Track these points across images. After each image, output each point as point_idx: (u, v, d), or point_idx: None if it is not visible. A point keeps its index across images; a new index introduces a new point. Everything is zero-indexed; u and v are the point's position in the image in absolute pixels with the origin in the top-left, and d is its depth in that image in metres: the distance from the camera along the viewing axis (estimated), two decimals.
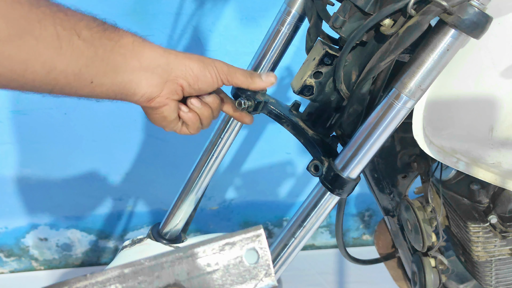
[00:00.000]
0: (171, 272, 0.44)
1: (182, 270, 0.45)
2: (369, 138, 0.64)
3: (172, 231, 0.91)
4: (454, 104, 0.74)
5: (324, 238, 2.09)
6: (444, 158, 0.76)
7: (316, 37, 0.72)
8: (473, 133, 0.77)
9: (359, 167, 0.67)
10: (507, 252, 0.95)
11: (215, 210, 1.90)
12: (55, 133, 1.59)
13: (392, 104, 0.62)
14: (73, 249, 1.89)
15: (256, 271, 0.45)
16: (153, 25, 1.51)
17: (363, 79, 0.65)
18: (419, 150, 0.76)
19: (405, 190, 1.05)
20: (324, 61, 0.70)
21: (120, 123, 1.66)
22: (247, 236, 0.45)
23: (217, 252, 0.45)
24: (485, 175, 0.80)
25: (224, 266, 0.45)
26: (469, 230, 0.93)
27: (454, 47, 0.58)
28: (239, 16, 1.55)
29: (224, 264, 0.45)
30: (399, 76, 0.61)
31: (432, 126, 0.73)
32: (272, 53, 0.78)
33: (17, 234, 1.83)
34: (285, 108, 0.79)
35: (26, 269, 1.89)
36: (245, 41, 1.59)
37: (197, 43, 1.57)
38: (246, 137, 1.73)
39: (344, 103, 0.72)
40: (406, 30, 0.59)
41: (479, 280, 0.99)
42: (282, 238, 0.74)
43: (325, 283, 1.88)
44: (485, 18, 0.56)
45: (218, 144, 0.87)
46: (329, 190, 0.68)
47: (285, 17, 0.75)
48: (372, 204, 2.05)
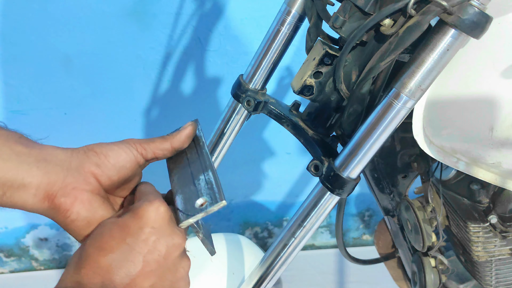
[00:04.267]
0: None
1: None
2: (369, 138, 0.64)
3: None
4: (454, 104, 0.74)
5: (324, 238, 2.09)
6: (444, 158, 0.76)
7: (316, 37, 0.72)
8: (473, 133, 0.77)
9: (359, 167, 0.67)
10: (507, 252, 0.95)
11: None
12: (55, 133, 1.59)
13: (392, 104, 0.62)
14: (73, 249, 1.89)
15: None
16: (153, 25, 1.51)
17: (363, 79, 0.65)
18: (419, 150, 0.76)
19: (405, 190, 1.05)
20: (324, 61, 0.70)
21: (120, 123, 1.66)
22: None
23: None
24: (485, 175, 0.80)
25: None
26: (469, 230, 0.93)
27: (454, 47, 0.58)
28: (239, 16, 1.55)
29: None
30: (399, 76, 0.61)
31: (432, 126, 0.73)
32: (272, 53, 0.78)
33: (17, 234, 1.83)
34: (285, 108, 0.79)
35: (26, 269, 1.89)
36: (245, 41, 1.59)
37: (197, 43, 1.57)
38: (246, 137, 1.73)
39: (344, 103, 0.72)
40: (406, 30, 0.59)
41: (479, 280, 0.99)
42: (282, 238, 0.74)
43: (325, 283, 1.88)
44: (485, 18, 0.56)
45: (218, 144, 0.87)
46: (329, 190, 0.68)
47: (285, 17, 0.75)
48: (372, 204, 2.05)
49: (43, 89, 1.57)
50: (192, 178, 0.60)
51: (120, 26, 1.50)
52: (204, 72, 1.64)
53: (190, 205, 0.56)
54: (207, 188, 0.58)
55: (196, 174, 0.60)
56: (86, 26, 1.47)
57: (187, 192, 0.58)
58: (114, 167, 0.56)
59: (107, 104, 1.63)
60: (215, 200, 0.56)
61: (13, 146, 0.52)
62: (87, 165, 0.55)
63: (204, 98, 1.68)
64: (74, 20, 1.46)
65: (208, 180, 0.59)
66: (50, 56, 1.52)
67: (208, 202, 0.56)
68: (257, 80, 0.79)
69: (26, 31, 1.47)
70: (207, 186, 0.58)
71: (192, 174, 0.61)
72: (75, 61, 1.54)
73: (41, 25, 1.47)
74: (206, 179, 0.59)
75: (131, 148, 0.58)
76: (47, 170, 0.52)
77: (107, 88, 1.61)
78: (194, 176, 0.60)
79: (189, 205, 0.56)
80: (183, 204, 0.57)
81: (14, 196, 0.51)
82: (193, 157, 0.63)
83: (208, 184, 0.58)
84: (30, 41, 1.49)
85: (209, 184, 0.58)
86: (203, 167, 0.61)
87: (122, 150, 0.57)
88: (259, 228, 1.99)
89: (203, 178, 0.60)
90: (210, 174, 0.60)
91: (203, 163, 0.62)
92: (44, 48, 1.51)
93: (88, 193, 0.54)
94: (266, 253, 0.76)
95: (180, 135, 0.62)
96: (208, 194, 0.57)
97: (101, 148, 0.56)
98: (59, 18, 1.46)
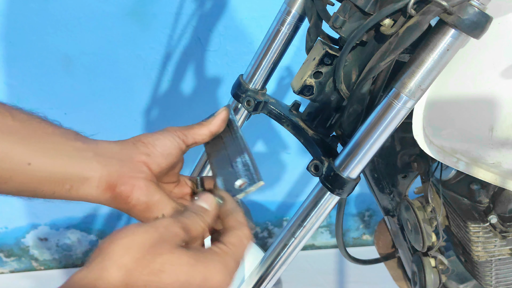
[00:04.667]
0: None
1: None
2: (369, 138, 0.64)
3: None
4: (454, 104, 0.74)
5: (324, 238, 2.09)
6: (444, 158, 0.76)
7: (316, 37, 0.72)
8: (473, 133, 0.77)
9: (359, 167, 0.67)
10: (507, 252, 0.95)
11: None
12: None
13: (392, 104, 0.62)
14: (73, 249, 1.89)
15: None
16: (153, 25, 1.52)
17: (363, 79, 0.65)
18: (419, 150, 0.76)
19: (405, 190, 1.05)
20: (324, 61, 0.70)
21: (120, 123, 1.66)
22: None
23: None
24: (485, 175, 0.80)
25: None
26: (469, 230, 0.93)
27: (454, 47, 0.58)
28: (239, 16, 1.55)
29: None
30: (399, 76, 0.61)
31: (432, 126, 0.73)
32: (272, 53, 0.78)
33: (17, 234, 1.83)
34: (285, 108, 0.79)
35: (26, 269, 1.89)
36: (245, 41, 1.59)
37: (197, 43, 1.57)
38: (246, 137, 1.73)
39: (344, 103, 0.72)
40: (406, 30, 0.59)
41: (479, 280, 0.99)
42: (282, 238, 0.74)
43: (325, 283, 1.88)
44: (485, 18, 0.56)
45: None
46: (329, 190, 0.68)
47: (285, 17, 0.75)
48: (372, 204, 2.05)
49: (43, 89, 1.57)
50: (230, 160, 0.64)
51: (120, 26, 1.50)
52: (204, 72, 1.64)
53: (230, 186, 0.60)
54: (244, 169, 0.62)
55: (233, 157, 0.64)
56: (86, 26, 1.47)
57: (226, 174, 0.62)
58: (162, 155, 0.60)
59: (107, 104, 1.63)
60: (253, 181, 0.60)
61: (73, 143, 0.56)
62: (138, 155, 0.59)
63: (204, 98, 1.68)
64: (74, 20, 1.46)
65: (245, 162, 0.63)
66: (50, 56, 1.52)
67: (247, 183, 0.59)
68: (257, 80, 0.79)
69: (26, 31, 1.47)
70: (244, 168, 0.62)
71: (229, 157, 0.65)
72: (75, 61, 1.54)
73: (41, 25, 1.47)
74: (243, 161, 0.63)
75: (174, 136, 0.62)
76: (105, 163, 0.56)
77: (107, 88, 1.61)
78: (231, 159, 0.64)
79: (229, 186, 0.60)
80: (223, 185, 0.61)
81: (79, 189, 0.56)
82: (229, 140, 0.67)
83: (245, 166, 0.63)
84: (30, 41, 1.49)
85: (246, 166, 0.62)
86: (239, 150, 0.65)
87: (166, 139, 0.61)
88: (259, 228, 1.99)
89: (240, 160, 0.64)
90: (246, 156, 0.64)
91: (238, 146, 0.66)
92: (44, 48, 1.51)
93: (143, 180, 0.58)
94: (266, 253, 0.76)
95: (216, 120, 0.66)
96: (246, 176, 0.61)
97: (148, 138, 0.60)
98: (59, 18, 1.46)
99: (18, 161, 0.53)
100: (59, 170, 0.54)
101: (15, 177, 0.53)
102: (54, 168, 0.54)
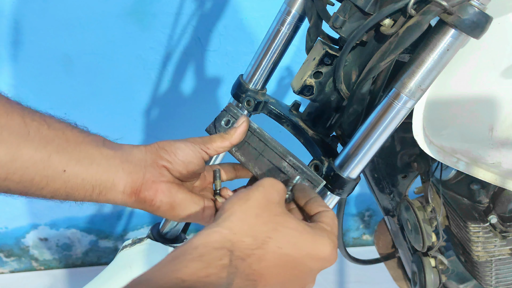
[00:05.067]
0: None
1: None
2: (369, 138, 0.64)
3: (172, 231, 0.90)
4: (454, 104, 0.74)
5: None
6: (444, 158, 0.76)
7: (316, 37, 0.72)
8: (473, 133, 0.77)
9: (359, 167, 0.67)
10: (507, 252, 0.95)
11: None
12: None
13: (392, 104, 0.62)
14: (73, 249, 1.89)
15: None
16: (153, 25, 1.52)
17: (363, 79, 0.65)
18: (419, 150, 0.76)
19: (405, 190, 1.05)
20: (324, 61, 0.70)
21: (120, 123, 1.67)
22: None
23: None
24: (485, 175, 0.80)
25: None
26: (469, 230, 0.93)
27: (454, 47, 0.58)
28: (239, 16, 1.55)
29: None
30: (399, 76, 0.61)
31: (432, 126, 0.73)
32: (272, 53, 0.78)
33: (17, 234, 1.83)
34: (285, 108, 0.79)
35: (26, 269, 1.89)
36: (245, 41, 1.59)
37: (197, 43, 1.57)
38: None
39: (344, 103, 0.72)
40: (406, 30, 0.59)
41: (479, 280, 0.99)
42: None
43: (325, 283, 1.88)
44: (485, 18, 0.56)
45: None
46: (329, 190, 0.68)
47: (285, 17, 0.75)
48: (372, 204, 2.05)
49: (43, 89, 1.57)
50: (275, 166, 0.65)
51: (120, 26, 1.50)
52: (204, 72, 1.64)
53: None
54: (298, 172, 0.63)
55: (277, 162, 0.66)
56: (86, 26, 1.47)
57: (279, 180, 0.61)
58: (183, 162, 0.64)
59: (107, 104, 1.63)
60: (317, 182, 0.62)
61: (102, 150, 0.60)
62: (160, 161, 0.63)
63: (204, 98, 1.68)
64: (74, 20, 1.46)
65: (294, 164, 0.64)
66: (50, 56, 1.52)
67: (313, 185, 0.61)
68: (257, 80, 0.79)
69: (27, 31, 1.47)
70: (297, 171, 0.63)
71: (272, 163, 0.66)
72: (75, 61, 1.54)
73: (41, 25, 1.47)
74: (291, 164, 0.64)
75: (195, 146, 0.65)
76: (130, 170, 0.61)
77: (107, 88, 1.61)
78: (275, 164, 0.65)
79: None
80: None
81: (107, 194, 0.61)
82: (259, 145, 0.68)
83: (297, 169, 0.64)
84: (30, 41, 1.49)
85: (299, 169, 0.63)
86: (279, 154, 0.66)
87: (188, 148, 0.64)
88: None
89: (286, 164, 0.65)
90: (292, 159, 0.65)
91: (275, 150, 0.67)
92: (44, 48, 1.51)
93: (165, 183, 0.63)
94: None
95: (238, 134, 0.69)
96: (305, 178, 0.62)
97: (170, 146, 0.64)
98: (59, 18, 1.46)
99: (55, 169, 0.57)
100: (91, 177, 0.59)
101: (52, 183, 0.57)
102: (87, 175, 0.59)
